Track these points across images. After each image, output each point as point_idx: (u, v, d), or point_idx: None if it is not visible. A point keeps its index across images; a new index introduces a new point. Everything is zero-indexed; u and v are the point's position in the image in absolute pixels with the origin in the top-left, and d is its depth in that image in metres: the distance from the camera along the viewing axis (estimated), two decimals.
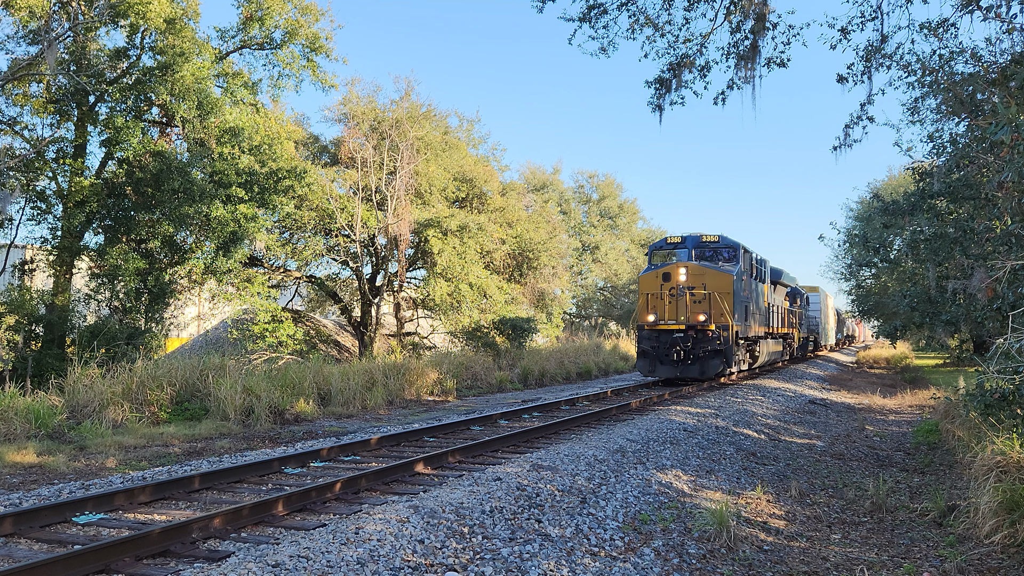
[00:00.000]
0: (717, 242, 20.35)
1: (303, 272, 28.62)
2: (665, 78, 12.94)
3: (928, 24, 11.02)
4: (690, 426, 12.23)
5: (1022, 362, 7.19)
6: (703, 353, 18.55)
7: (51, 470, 9.13)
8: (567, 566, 5.80)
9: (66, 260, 19.34)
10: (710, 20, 12.54)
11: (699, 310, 18.75)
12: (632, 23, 12.56)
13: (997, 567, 6.22)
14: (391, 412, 15.67)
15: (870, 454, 12.29)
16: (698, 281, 19.00)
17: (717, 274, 19.08)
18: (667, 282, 19.24)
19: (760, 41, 12.15)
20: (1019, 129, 7.07)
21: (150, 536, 5.57)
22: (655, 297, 19.27)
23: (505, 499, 6.90)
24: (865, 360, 42.40)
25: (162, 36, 19.35)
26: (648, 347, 19.11)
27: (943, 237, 12.72)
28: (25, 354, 17.31)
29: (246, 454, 9.94)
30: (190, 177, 18.97)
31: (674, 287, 19.08)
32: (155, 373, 14.30)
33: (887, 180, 44.07)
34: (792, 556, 6.75)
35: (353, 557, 5.19)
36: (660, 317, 19.14)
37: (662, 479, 8.73)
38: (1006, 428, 8.19)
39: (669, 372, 18.89)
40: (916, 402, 19.57)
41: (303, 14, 22.24)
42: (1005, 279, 8.35)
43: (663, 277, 19.30)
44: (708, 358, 18.59)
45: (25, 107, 19.11)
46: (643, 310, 19.40)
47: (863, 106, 12.04)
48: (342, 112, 29.56)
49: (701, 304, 18.78)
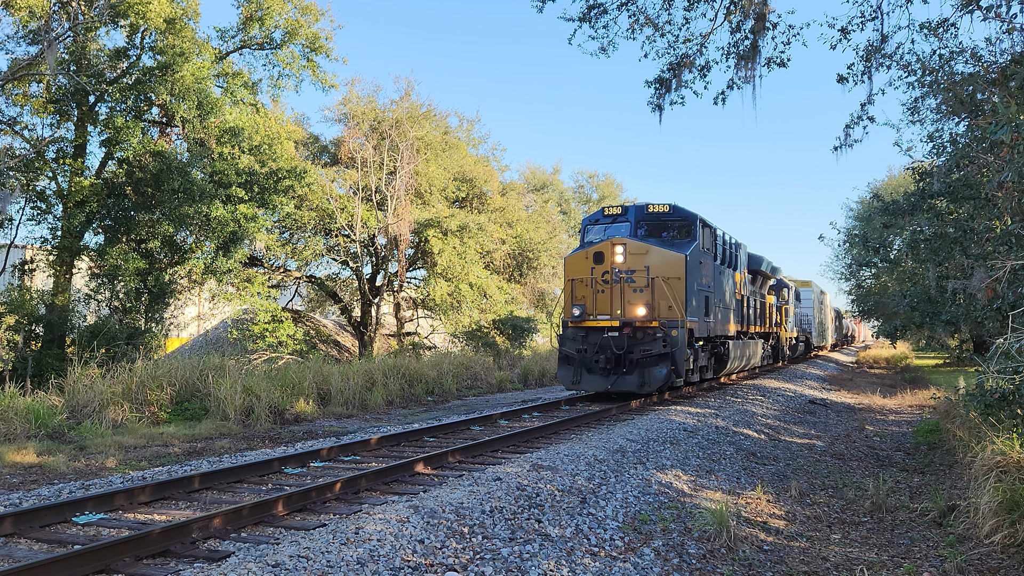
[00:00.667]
0: (668, 213, 15.86)
1: (303, 272, 28.63)
2: (665, 78, 12.95)
3: (928, 24, 11.03)
4: (690, 426, 12.23)
5: (1022, 362, 7.20)
6: (643, 358, 14.37)
7: (51, 470, 9.13)
8: (567, 566, 5.80)
9: (66, 260, 19.35)
10: (710, 20, 12.57)
11: (640, 301, 14.65)
12: (632, 23, 12.57)
13: (997, 567, 6.22)
14: (391, 412, 15.68)
15: (870, 454, 12.29)
16: (639, 263, 14.78)
17: (665, 254, 14.83)
18: (599, 264, 14.99)
19: (760, 41, 12.17)
20: (1019, 129, 7.07)
21: (150, 536, 5.57)
22: (583, 285, 15.15)
23: (505, 499, 6.90)
24: (865, 360, 42.43)
25: (162, 36, 19.36)
26: (572, 350, 15.00)
27: (943, 237, 12.72)
28: (25, 354, 17.31)
29: (246, 454, 9.94)
30: (190, 177, 18.97)
31: (608, 271, 14.90)
32: (155, 373, 14.31)
33: (887, 180, 44.10)
34: (792, 556, 6.75)
35: (353, 557, 5.19)
36: (588, 311, 15.00)
37: (662, 479, 8.73)
38: (1006, 428, 8.19)
39: (598, 384, 14.65)
40: (916, 402, 19.57)
41: (303, 14, 22.25)
42: (1005, 279, 8.35)
43: (594, 258, 15.05)
44: (650, 365, 14.39)
45: (25, 107, 19.12)
46: (568, 302, 15.39)
47: (863, 106, 12.05)
48: (342, 112, 29.60)
49: (643, 294, 14.65)
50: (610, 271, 14.88)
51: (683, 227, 15.83)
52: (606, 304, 14.88)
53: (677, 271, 14.73)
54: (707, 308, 16.30)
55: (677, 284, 14.70)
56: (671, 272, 14.73)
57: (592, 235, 16.28)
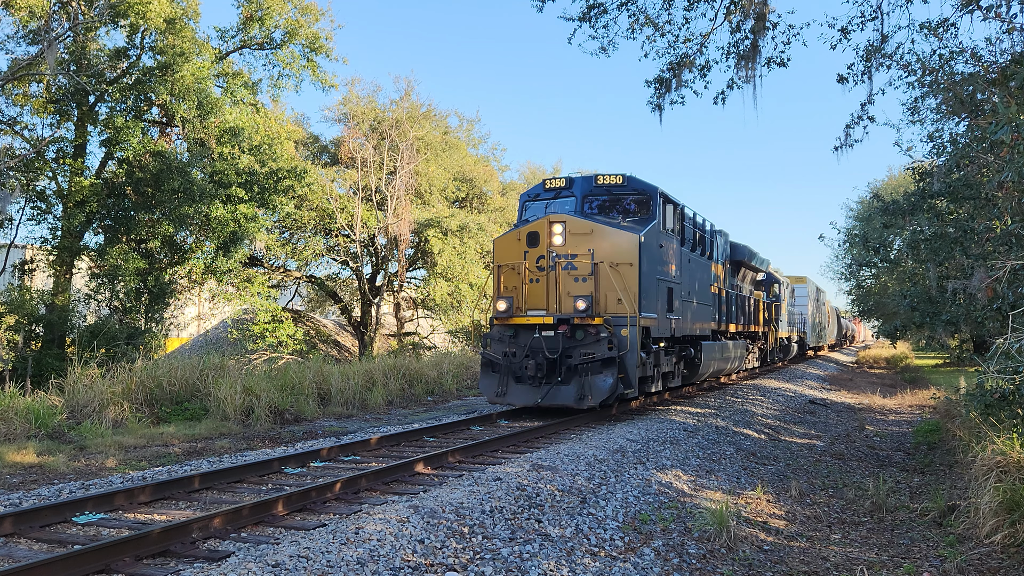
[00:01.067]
0: (622, 186, 13.18)
1: (303, 272, 28.64)
2: (665, 78, 12.96)
3: (928, 24, 11.02)
4: (690, 426, 12.23)
5: (1022, 362, 7.20)
6: (584, 364, 11.72)
7: (51, 470, 9.13)
8: (567, 566, 5.80)
9: (66, 260, 19.35)
10: (710, 20, 12.57)
11: (581, 292, 12.09)
12: (632, 23, 12.58)
13: (997, 567, 6.22)
14: (391, 412, 15.67)
15: (870, 454, 12.29)
16: (582, 245, 12.17)
17: (614, 235, 12.25)
18: (533, 247, 12.40)
19: (760, 41, 12.17)
20: (1019, 129, 7.07)
21: (150, 536, 5.57)
22: (513, 273, 12.55)
23: (505, 499, 6.90)
24: (865, 360, 42.45)
25: (162, 36, 19.37)
26: (497, 354, 12.38)
27: (943, 237, 12.71)
28: (25, 354, 17.32)
29: (246, 454, 9.94)
30: (190, 177, 18.98)
31: (544, 256, 12.29)
32: (155, 373, 14.31)
33: (887, 180, 44.10)
34: (792, 556, 6.75)
35: (353, 557, 5.19)
36: (518, 304, 12.39)
37: (662, 479, 8.73)
38: (1006, 428, 8.19)
39: (526, 397, 12.01)
40: (916, 402, 19.57)
41: (303, 14, 22.26)
42: (1005, 279, 8.35)
43: (527, 240, 12.48)
44: (592, 372, 11.70)
45: (25, 107, 19.14)
46: (495, 294, 12.80)
47: (863, 106, 12.05)
48: (342, 112, 29.62)
49: (586, 283, 12.13)
50: (546, 255, 12.25)
51: (640, 203, 13.11)
52: (540, 296, 12.32)
53: (629, 256, 12.14)
54: (670, 302, 13.63)
55: (629, 272, 12.08)
56: (621, 257, 12.14)
57: (532, 213, 13.69)
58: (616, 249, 12.20)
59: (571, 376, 11.84)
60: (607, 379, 11.63)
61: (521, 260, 12.51)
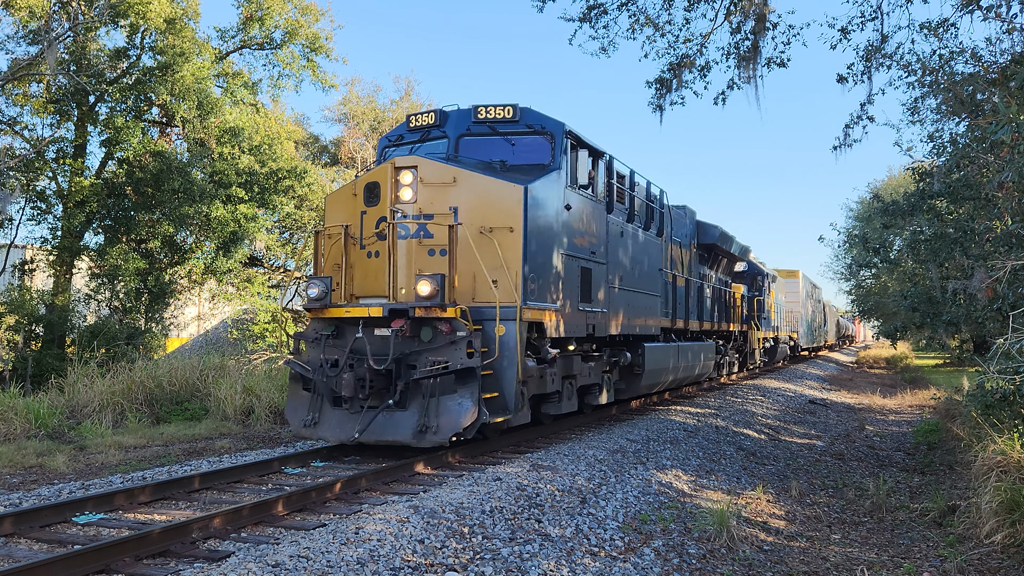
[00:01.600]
0: (512, 121, 9.39)
1: (303, 272, 28.62)
2: (665, 78, 12.96)
3: (928, 24, 11.02)
4: (690, 426, 12.23)
5: (1023, 362, 7.20)
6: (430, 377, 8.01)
7: (51, 470, 9.12)
8: (567, 566, 5.80)
9: (66, 260, 19.35)
10: (710, 20, 12.58)
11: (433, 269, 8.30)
12: (632, 23, 12.58)
13: (997, 567, 6.21)
14: None
15: (870, 454, 12.29)
16: (442, 201, 8.48)
17: (488, 184, 8.68)
18: (373, 206, 8.64)
19: (760, 41, 12.17)
20: (1019, 129, 7.08)
21: (150, 536, 5.56)
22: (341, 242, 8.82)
23: (505, 499, 6.89)
24: (865, 360, 42.49)
25: (162, 36, 19.37)
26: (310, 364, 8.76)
27: (943, 237, 12.71)
28: (25, 354, 17.31)
29: (246, 454, 9.93)
30: (190, 177, 18.99)
31: (385, 217, 8.50)
32: (155, 373, 14.30)
33: (887, 180, 44.11)
34: (792, 556, 6.75)
35: (353, 557, 5.19)
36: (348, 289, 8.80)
37: (662, 479, 8.73)
38: (1007, 428, 8.19)
39: (341, 429, 8.37)
40: (916, 402, 19.57)
41: (303, 14, 22.26)
42: (1005, 279, 8.35)
43: (365, 195, 8.72)
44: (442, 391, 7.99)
45: (25, 107, 19.14)
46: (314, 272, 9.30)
47: (863, 106, 12.05)
48: (342, 112, 29.63)
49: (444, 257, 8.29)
50: (389, 216, 8.41)
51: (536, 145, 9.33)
52: (380, 277, 8.48)
53: (508, 217, 8.47)
54: (588, 288, 10.12)
55: (509, 240, 8.45)
56: (497, 218, 8.49)
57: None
58: (488, 206, 8.52)
59: (410, 397, 8.16)
60: (464, 402, 7.87)
61: (358, 223, 8.64)
